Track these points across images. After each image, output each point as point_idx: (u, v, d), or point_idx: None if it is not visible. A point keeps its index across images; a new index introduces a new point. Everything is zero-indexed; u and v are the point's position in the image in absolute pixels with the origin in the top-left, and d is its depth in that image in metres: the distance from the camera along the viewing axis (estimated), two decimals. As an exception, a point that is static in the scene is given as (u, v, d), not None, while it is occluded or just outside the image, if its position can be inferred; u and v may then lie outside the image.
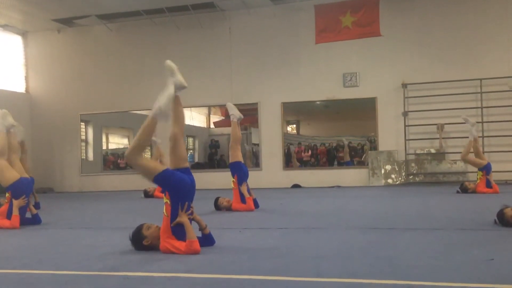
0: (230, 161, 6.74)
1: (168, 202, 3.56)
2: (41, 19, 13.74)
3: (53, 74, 14.84)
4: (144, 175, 3.63)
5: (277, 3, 12.97)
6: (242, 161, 6.78)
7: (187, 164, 3.85)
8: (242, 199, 6.46)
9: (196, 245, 3.47)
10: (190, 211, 3.55)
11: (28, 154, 8.13)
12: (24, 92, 14.97)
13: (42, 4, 12.63)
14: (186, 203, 3.56)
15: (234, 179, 6.55)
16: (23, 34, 14.97)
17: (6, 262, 3.43)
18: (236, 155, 6.69)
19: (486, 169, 8.26)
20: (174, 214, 3.52)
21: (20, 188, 5.46)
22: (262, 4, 12.98)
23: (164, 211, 3.57)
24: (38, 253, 3.76)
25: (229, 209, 6.51)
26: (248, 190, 6.53)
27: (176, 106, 4.24)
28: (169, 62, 4.21)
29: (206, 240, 3.67)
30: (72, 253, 3.69)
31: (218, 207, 6.60)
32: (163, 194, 3.66)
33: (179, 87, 4.23)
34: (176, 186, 3.56)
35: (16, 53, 14.91)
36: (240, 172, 6.58)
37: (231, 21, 13.32)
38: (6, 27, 14.23)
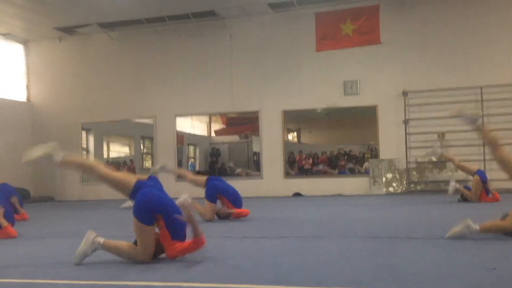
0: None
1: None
2: (43, 27, 13.80)
3: (55, 83, 14.88)
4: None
5: (277, 11, 13.03)
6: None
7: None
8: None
9: (203, 237, 3.47)
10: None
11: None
12: (26, 100, 15.01)
13: (44, 12, 12.69)
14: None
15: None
16: (25, 42, 15.03)
17: (5, 272, 3.42)
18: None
19: (480, 177, 8.23)
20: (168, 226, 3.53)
21: None
22: (262, 12, 13.04)
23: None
24: (37, 262, 3.75)
25: (228, 216, 6.50)
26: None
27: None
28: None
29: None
30: (72, 262, 3.67)
31: (219, 215, 6.58)
32: None
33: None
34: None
35: (17, 62, 14.97)
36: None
37: (232, 29, 13.38)
38: (7, 35, 14.30)
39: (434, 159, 11.94)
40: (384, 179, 12.00)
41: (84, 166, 3.93)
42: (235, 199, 6.53)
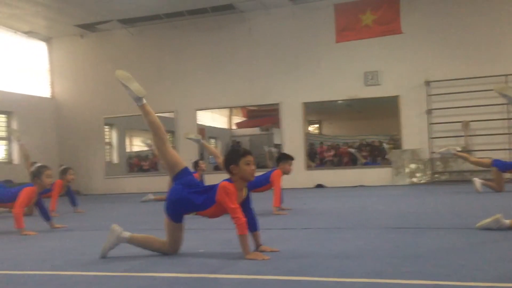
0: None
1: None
2: (64, 25, 14.02)
3: (77, 79, 15.12)
4: None
5: (296, 3, 12.96)
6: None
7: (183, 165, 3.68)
8: None
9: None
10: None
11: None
12: (50, 97, 15.28)
13: (65, 10, 12.88)
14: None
15: None
16: (48, 40, 15.29)
17: (39, 264, 3.51)
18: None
19: (498, 167, 8.08)
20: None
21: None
22: (281, 4, 12.99)
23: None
24: (67, 255, 3.84)
25: None
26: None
27: (145, 116, 4.01)
28: (119, 72, 4.04)
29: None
30: (98, 255, 3.75)
31: None
32: None
33: (136, 98, 4.05)
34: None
35: (41, 59, 15.24)
36: None
37: (251, 22, 13.37)
38: (30, 33, 14.56)
39: (459, 148, 11.78)
40: (407, 170, 11.88)
41: (156, 123, 3.93)
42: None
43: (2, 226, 6.05)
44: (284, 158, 6.45)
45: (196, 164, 9.20)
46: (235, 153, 3.48)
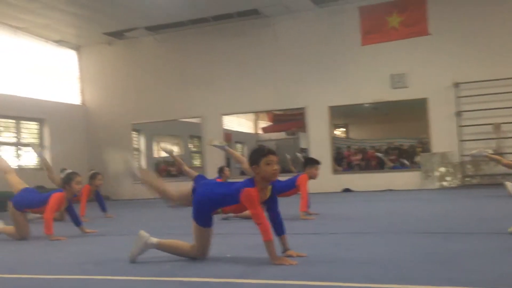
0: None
1: None
2: (93, 33, 14.32)
3: (106, 86, 15.41)
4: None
5: (321, 7, 12.92)
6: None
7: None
8: None
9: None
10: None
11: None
12: (80, 104, 15.62)
13: (94, 18, 13.17)
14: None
15: None
16: (77, 48, 15.64)
17: (68, 268, 3.58)
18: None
19: None
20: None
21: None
22: (306, 8, 12.97)
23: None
24: (96, 260, 3.90)
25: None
26: None
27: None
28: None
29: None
30: (128, 259, 3.80)
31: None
32: None
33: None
34: None
35: (71, 67, 15.60)
36: None
37: (275, 26, 13.38)
38: (61, 42, 14.93)
39: (490, 151, 11.51)
40: (436, 173, 11.66)
41: (157, 188, 3.99)
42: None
43: (34, 231, 6.19)
44: (311, 163, 6.42)
45: (221, 170, 9.25)
46: (256, 153, 3.44)
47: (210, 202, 3.50)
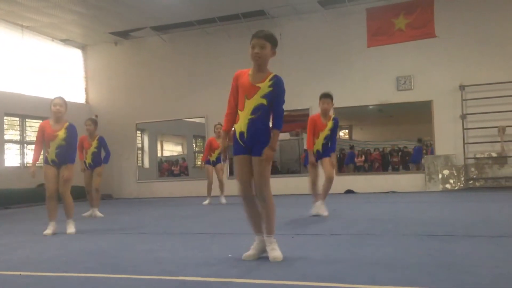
0: None
1: None
2: (99, 32, 14.36)
3: (111, 85, 15.44)
4: None
5: (327, 8, 12.90)
6: None
7: None
8: None
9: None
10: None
11: None
12: (85, 103, 15.66)
13: (100, 18, 13.20)
14: None
15: None
16: (83, 47, 15.69)
17: (70, 266, 3.59)
18: None
19: None
20: None
21: None
22: (312, 10, 12.96)
23: None
24: (99, 258, 3.91)
25: None
26: None
27: None
28: None
29: None
30: (130, 258, 3.81)
31: None
32: None
33: None
34: None
35: (76, 66, 15.64)
36: None
37: (282, 28, 13.37)
38: (67, 41, 14.97)
39: (494, 154, 11.48)
40: (440, 176, 11.63)
41: None
42: None
43: (33, 229, 6.20)
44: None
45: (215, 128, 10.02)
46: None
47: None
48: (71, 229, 5.68)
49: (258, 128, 3.54)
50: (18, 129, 13.63)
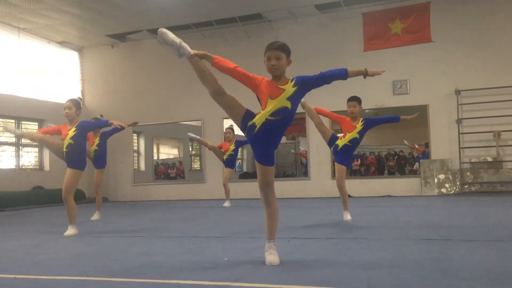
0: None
1: None
2: (96, 35, 14.35)
3: (107, 88, 15.42)
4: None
5: (324, 12, 12.94)
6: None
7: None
8: None
9: None
10: None
11: None
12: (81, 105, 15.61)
13: (97, 21, 13.19)
14: None
15: None
16: (79, 50, 15.67)
17: (64, 269, 3.58)
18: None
19: None
20: None
21: None
22: (309, 14, 12.99)
23: None
24: (93, 261, 3.89)
25: None
26: None
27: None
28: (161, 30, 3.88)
29: None
30: (125, 261, 3.79)
31: None
32: None
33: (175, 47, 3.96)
34: None
35: (73, 68, 15.61)
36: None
37: (278, 31, 13.40)
38: (63, 43, 14.95)
39: (490, 159, 11.53)
40: (436, 180, 11.66)
41: (204, 72, 3.92)
42: None
43: (31, 231, 6.18)
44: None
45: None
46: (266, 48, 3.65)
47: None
48: (68, 231, 5.66)
49: (272, 129, 3.48)
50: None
